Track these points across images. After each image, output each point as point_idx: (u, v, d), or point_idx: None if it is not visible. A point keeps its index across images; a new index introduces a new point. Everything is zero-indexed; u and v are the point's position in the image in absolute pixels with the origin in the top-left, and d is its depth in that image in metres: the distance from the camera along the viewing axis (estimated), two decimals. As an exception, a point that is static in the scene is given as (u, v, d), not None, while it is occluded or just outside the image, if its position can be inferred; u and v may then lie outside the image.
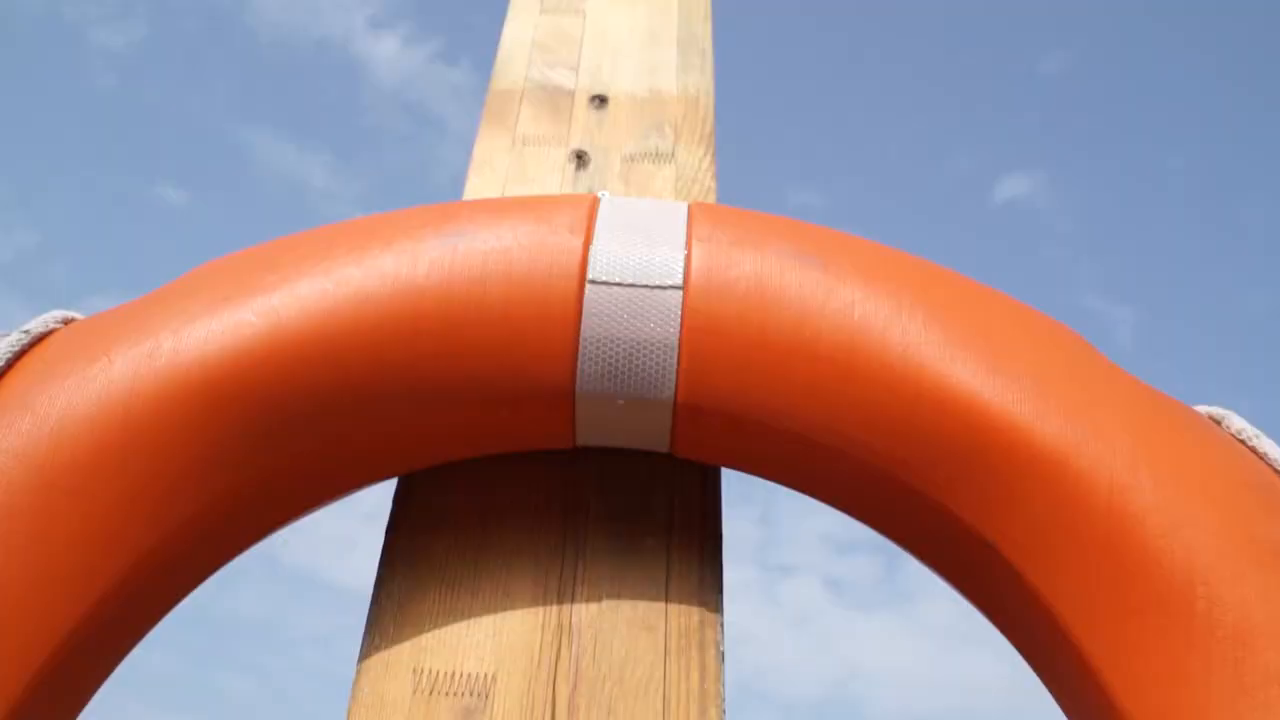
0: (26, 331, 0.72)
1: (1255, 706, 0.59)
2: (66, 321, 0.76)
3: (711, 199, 1.08)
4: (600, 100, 1.19)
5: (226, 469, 0.71)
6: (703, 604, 0.80)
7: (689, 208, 0.85)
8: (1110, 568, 0.66)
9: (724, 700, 0.76)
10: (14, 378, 0.70)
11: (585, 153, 1.13)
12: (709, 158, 1.13)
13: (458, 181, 1.15)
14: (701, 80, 1.23)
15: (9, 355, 0.70)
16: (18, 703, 0.61)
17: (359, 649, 0.78)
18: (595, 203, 0.84)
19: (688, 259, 0.79)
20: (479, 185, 1.10)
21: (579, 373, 0.76)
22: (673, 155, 1.13)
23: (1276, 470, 0.71)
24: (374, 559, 0.83)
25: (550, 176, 1.10)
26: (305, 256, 0.78)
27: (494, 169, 1.12)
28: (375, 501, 0.87)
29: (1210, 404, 0.79)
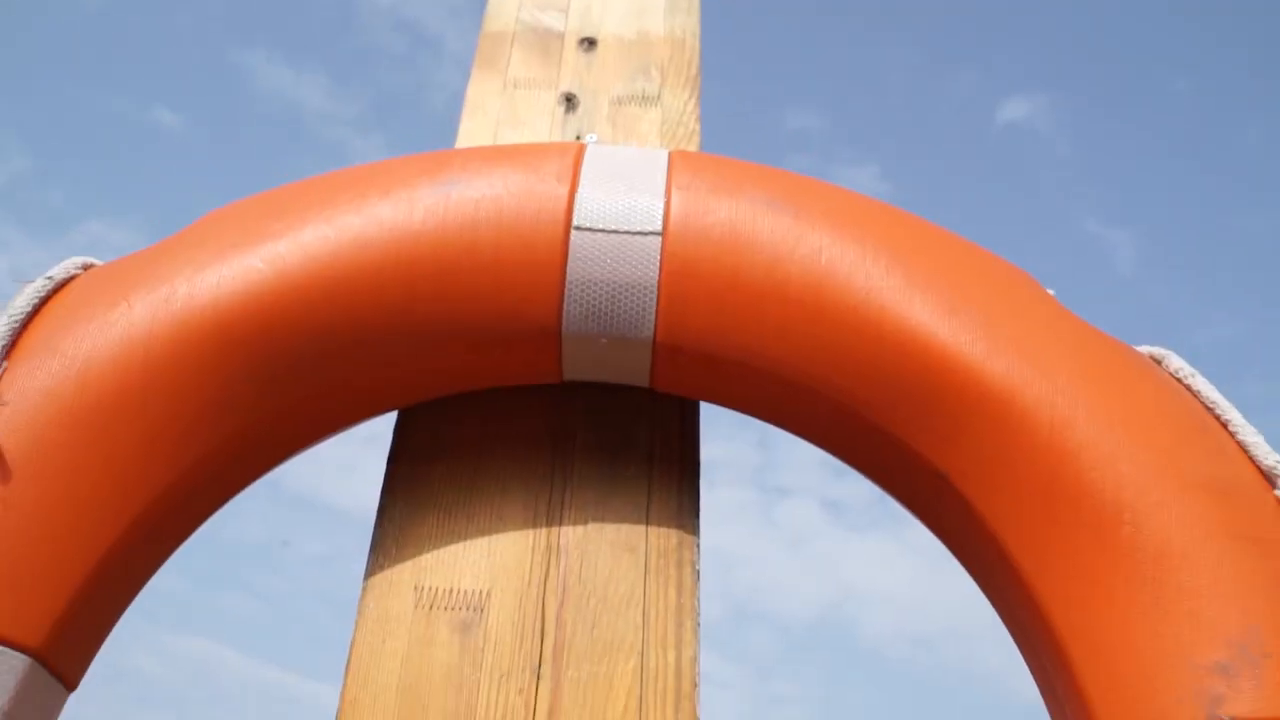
0: (50, 278, 0.78)
1: (1169, 619, 0.66)
2: (86, 267, 0.81)
3: (695, 142, 1.13)
4: (589, 43, 1.22)
5: (238, 411, 0.77)
6: (680, 527, 0.87)
7: (670, 156, 0.89)
8: (1048, 497, 0.72)
9: (699, 615, 0.83)
10: (41, 321, 0.75)
11: (574, 95, 1.17)
12: (693, 101, 1.16)
13: (456, 100, 1.19)
14: (688, 21, 1.26)
15: (35, 300, 0.75)
16: (57, 622, 0.68)
17: (364, 569, 0.85)
18: (581, 151, 0.89)
19: (667, 206, 0.83)
20: (471, 129, 1.14)
21: (565, 313, 0.82)
22: (659, 98, 1.17)
23: (1208, 407, 0.77)
24: (373, 483, 0.90)
25: (540, 119, 1.14)
26: (309, 204, 0.83)
27: (486, 112, 1.16)
28: (375, 426, 0.93)
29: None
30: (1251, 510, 0.70)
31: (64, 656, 0.69)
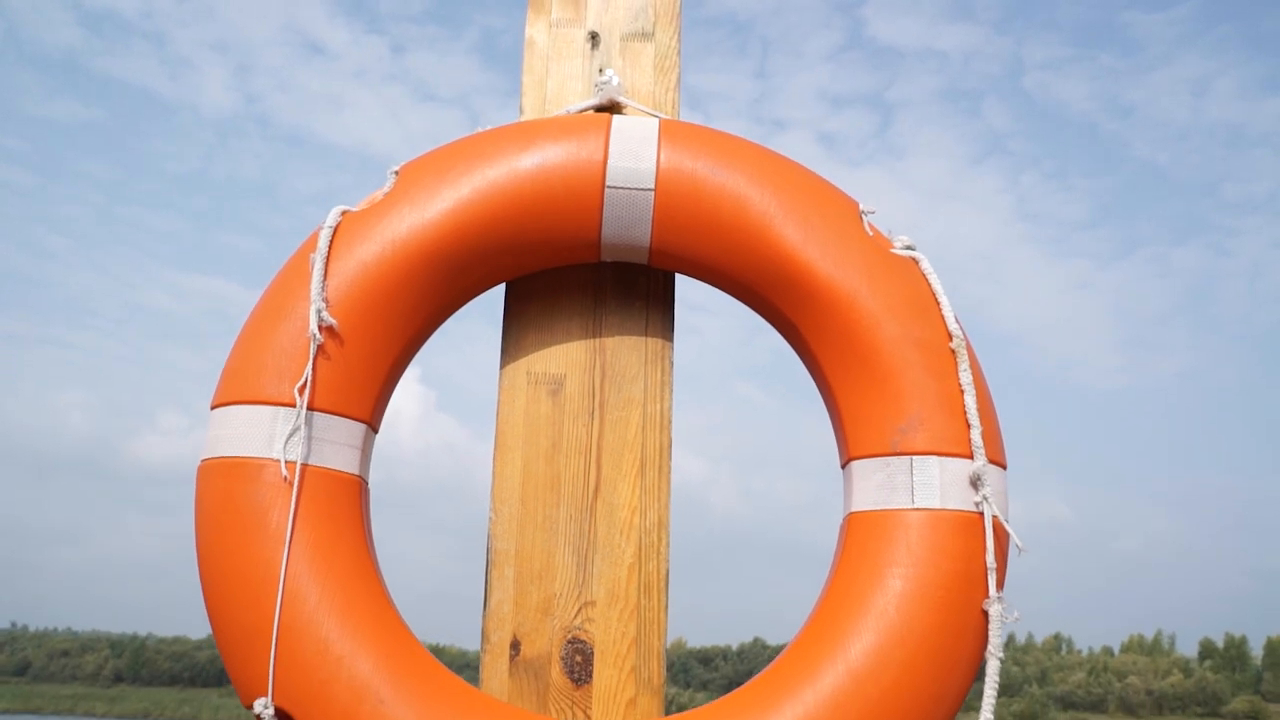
0: (330, 227, 1.47)
1: (886, 404, 1.43)
2: (344, 213, 1.50)
3: (676, 72, 1.75)
4: (605, -16, 1.79)
5: (440, 287, 1.49)
6: (663, 337, 1.63)
7: (659, 129, 1.54)
8: (843, 341, 1.47)
9: (673, 385, 1.61)
10: (334, 252, 1.46)
11: (596, 34, 1.77)
12: (676, 37, 1.77)
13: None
14: (673, -42, 1.81)
15: (328, 242, 1.45)
16: (374, 400, 1.45)
17: (498, 363, 1.61)
18: (609, 127, 1.54)
19: (657, 171, 1.51)
20: (531, 62, 1.75)
21: (603, 233, 1.52)
22: (653, 34, 1.77)
23: (934, 293, 1.50)
24: (367, 118, 1.68)
25: (575, 54, 1.76)
26: (463, 172, 1.50)
27: (537, 46, 1.76)
28: (362, 59, 1.62)
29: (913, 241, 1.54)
30: (937, 355, 1.45)
31: (375, 417, 1.48)
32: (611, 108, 1.68)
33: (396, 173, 1.54)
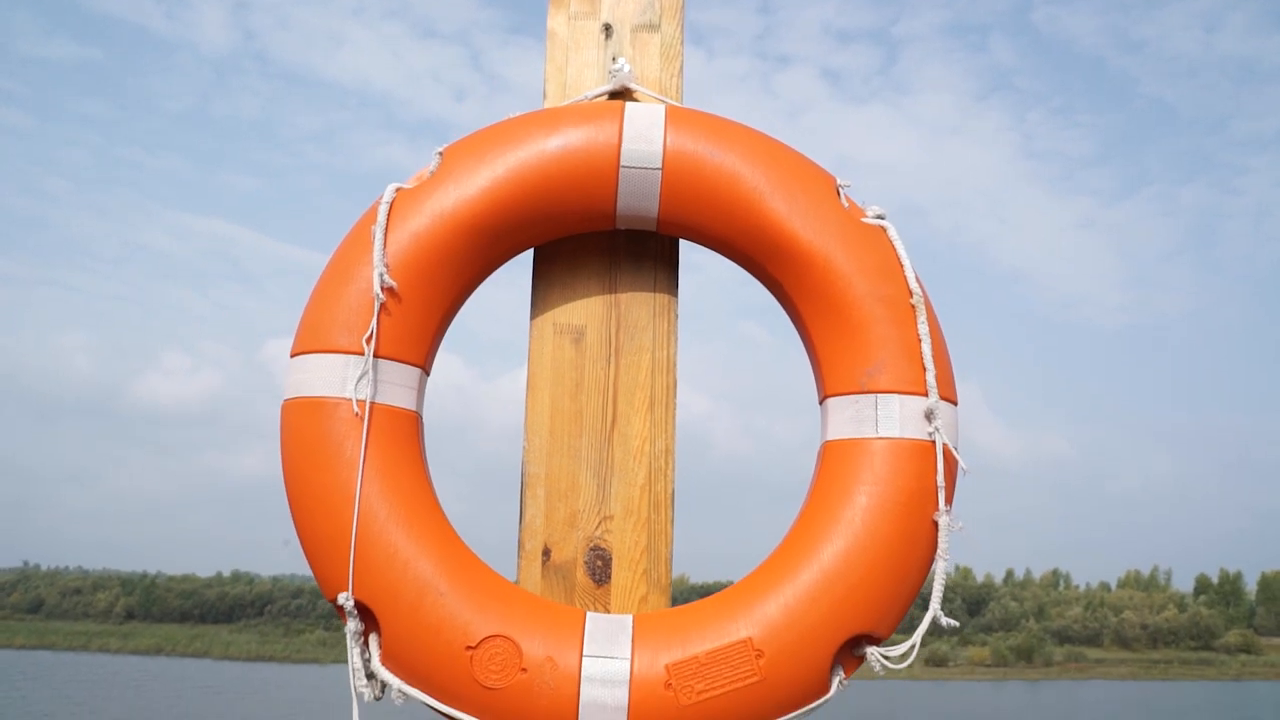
0: (388, 203, 1.73)
1: (856, 351, 1.71)
2: (398, 190, 1.76)
3: (679, 60, 2.00)
4: (617, -20, 2.03)
5: (480, 251, 1.76)
6: (669, 293, 1.90)
7: (665, 115, 1.80)
8: (821, 297, 1.74)
9: (677, 334, 1.88)
10: (391, 224, 1.72)
11: (610, 25, 2.02)
12: (680, 29, 2.01)
13: None
14: (677, -46, 2.05)
15: (385, 216, 1.72)
16: (427, 347, 1.73)
17: (528, 316, 1.88)
18: (622, 112, 1.80)
19: (664, 152, 1.77)
20: (553, 51, 2.00)
21: (618, 206, 1.79)
22: (659, 26, 2.02)
23: (898, 256, 1.76)
24: (364, 55, 2.02)
25: (591, 44, 2.00)
26: (495, 155, 1.76)
27: (558, 36, 2.01)
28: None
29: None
30: (900, 309, 1.72)
31: (428, 362, 1.76)
32: (624, 93, 1.93)
33: (441, 154, 1.80)
